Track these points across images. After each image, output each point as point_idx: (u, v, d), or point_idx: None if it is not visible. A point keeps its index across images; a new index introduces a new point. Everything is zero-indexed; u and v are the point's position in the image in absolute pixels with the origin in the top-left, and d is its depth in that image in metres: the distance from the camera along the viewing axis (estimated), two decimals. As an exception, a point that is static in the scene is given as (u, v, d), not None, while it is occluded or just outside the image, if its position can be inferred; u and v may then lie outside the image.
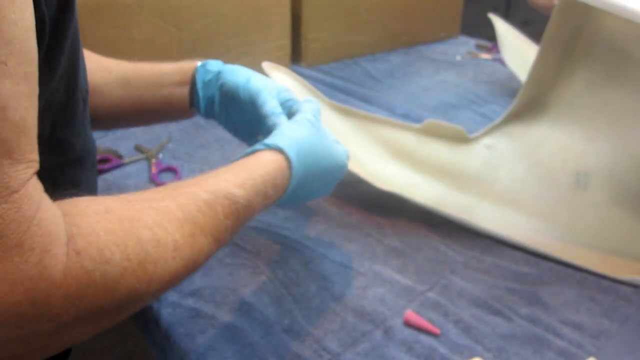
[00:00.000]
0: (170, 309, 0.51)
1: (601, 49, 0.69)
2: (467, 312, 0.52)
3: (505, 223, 0.65)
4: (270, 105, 0.52)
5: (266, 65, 0.72)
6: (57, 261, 0.26)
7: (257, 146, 0.45)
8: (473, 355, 0.47)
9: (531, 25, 1.19)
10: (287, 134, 0.47)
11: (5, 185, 0.25)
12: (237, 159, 0.44)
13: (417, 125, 0.75)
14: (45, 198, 0.28)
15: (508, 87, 1.03)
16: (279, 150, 0.45)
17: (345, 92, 1.03)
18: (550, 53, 0.70)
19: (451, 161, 0.73)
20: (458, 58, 1.21)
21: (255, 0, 0.99)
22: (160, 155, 0.78)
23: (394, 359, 0.47)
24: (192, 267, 0.35)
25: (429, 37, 1.31)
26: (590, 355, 0.47)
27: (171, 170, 0.76)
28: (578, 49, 0.70)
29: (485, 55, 1.22)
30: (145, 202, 0.34)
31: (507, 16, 1.07)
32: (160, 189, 0.37)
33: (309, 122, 0.50)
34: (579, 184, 0.67)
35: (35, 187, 0.27)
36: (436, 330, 0.49)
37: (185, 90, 0.57)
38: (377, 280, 0.56)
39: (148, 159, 0.77)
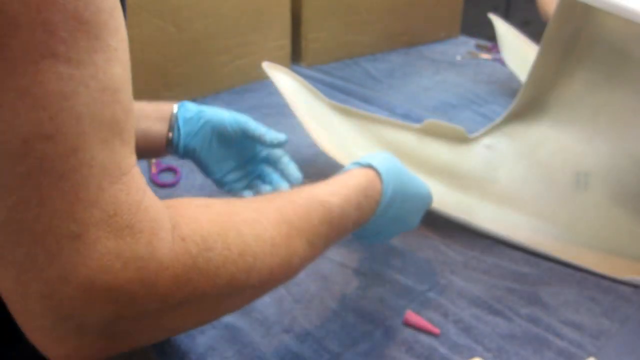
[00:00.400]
0: (170, 309, 0.51)
1: (601, 49, 0.69)
2: (467, 312, 0.52)
3: (505, 223, 0.65)
4: (271, 135, 0.60)
5: (266, 65, 0.72)
6: (164, 244, 0.28)
7: (349, 166, 0.49)
8: (473, 355, 0.47)
9: (531, 25, 1.19)
10: (376, 156, 0.49)
11: (118, 165, 0.27)
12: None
13: (417, 125, 0.75)
14: (148, 188, 0.29)
15: (508, 87, 1.03)
16: (370, 166, 0.47)
17: (345, 92, 1.03)
18: (550, 53, 0.70)
19: (451, 161, 0.73)
20: (458, 58, 1.21)
21: (255, 0, 0.99)
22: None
23: (394, 359, 0.47)
24: (286, 268, 0.36)
25: (429, 37, 1.31)
26: (590, 355, 0.47)
27: (171, 170, 0.76)
28: (578, 49, 0.70)
29: (485, 55, 1.22)
30: (242, 202, 0.36)
31: (507, 16, 1.07)
32: (254, 197, 0.38)
33: (391, 155, 0.52)
34: (579, 184, 0.67)
35: (140, 175, 0.29)
36: (436, 330, 0.49)
37: (163, 127, 0.59)
38: (377, 280, 0.56)
39: (148, 159, 0.77)
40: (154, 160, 0.76)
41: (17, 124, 0.24)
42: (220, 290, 0.31)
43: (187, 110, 0.60)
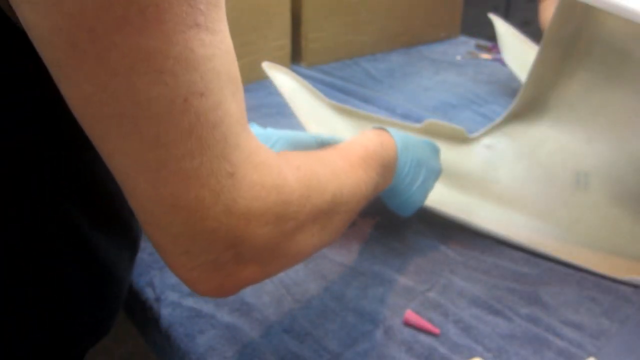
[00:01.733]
0: (170, 309, 0.51)
1: (601, 49, 0.69)
2: (467, 312, 0.52)
3: (505, 223, 0.65)
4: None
5: (266, 65, 0.72)
6: (288, 173, 0.33)
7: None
8: (473, 355, 0.47)
9: (531, 25, 1.19)
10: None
11: (243, 114, 0.31)
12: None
13: (417, 125, 0.75)
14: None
15: (508, 87, 1.03)
16: (381, 128, 0.55)
17: (345, 92, 1.03)
18: (550, 53, 0.70)
19: (451, 161, 0.73)
20: (458, 58, 1.21)
21: (255, 0, 0.99)
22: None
23: (394, 359, 0.47)
24: (359, 191, 0.43)
25: (429, 37, 1.31)
26: (590, 355, 0.47)
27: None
28: (578, 49, 0.70)
29: (485, 55, 1.22)
30: (312, 152, 0.43)
31: (507, 16, 1.07)
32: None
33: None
34: (579, 184, 0.67)
35: None
36: (436, 330, 0.49)
37: None
38: (377, 280, 0.56)
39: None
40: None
41: (177, 86, 0.27)
42: (328, 204, 0.37)
43: (258, 128, 0.62)
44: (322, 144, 0.63)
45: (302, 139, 0.62)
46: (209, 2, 0.29)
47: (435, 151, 0.61)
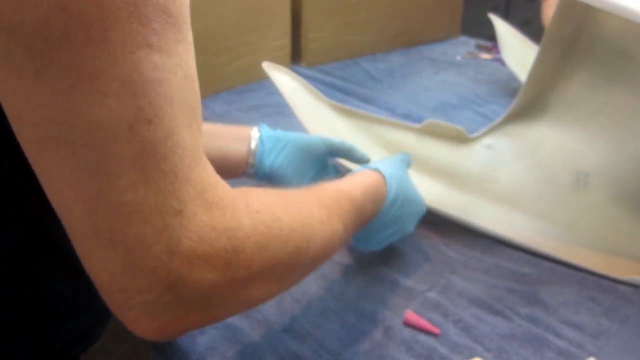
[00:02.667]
0: (170, 309, 0.51)
1: (601, 49, 0.69)
2: (467, 312, 0.52)
3: (505, 223, 0.65)
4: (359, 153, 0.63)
5: (266, 65, 0.72)
6: (245, 217, 0.31)
7: (357, 169, 0.53)
8: (473, 355, 0.47)
9: (531, 25, 1.19)
10: (383, 163, 0.54)
11: (198, 148, 0.29)
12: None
13: (417, 125, 0.75)
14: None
15: (508, 87, 1.03)
16: (376, 170, 0.52)
17: (345, 92, 1.03)
18: (550, 53, 0.70)
19: (451, 161, 0.73)
20: (458, 58, 1.21)
21: (255, 0, 0.99)
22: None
23: (394, 359, 0.47)
24: (331, 244, 0.40)
25: (429, 37, 1.31)
26: (590, 355, 0.47)
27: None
28: (578, 49, 0.70)
29: (485, 55, 1.22)
30: (286, 191, 0.39)
31: (507, 16, 1.07)
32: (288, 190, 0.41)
33: (400, 161, 0.57)
34: (579, 184, 0.67)
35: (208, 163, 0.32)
36: (436, 330, 0.49)
37: (241, 146, 0.59)
38: (377, 280, 0.56)
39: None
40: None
41: (122, 111, 0.25)
42: (290, 256, 0.34)
43: (268, 130, 0.61)
44: (332, 148, 0.62)
45: (311, 143, 0.61)
46: (166, 22, 0.27)
47: (420, 212, 0.57)
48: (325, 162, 0.64)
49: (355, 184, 0.47)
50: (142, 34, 0.26)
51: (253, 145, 0.59)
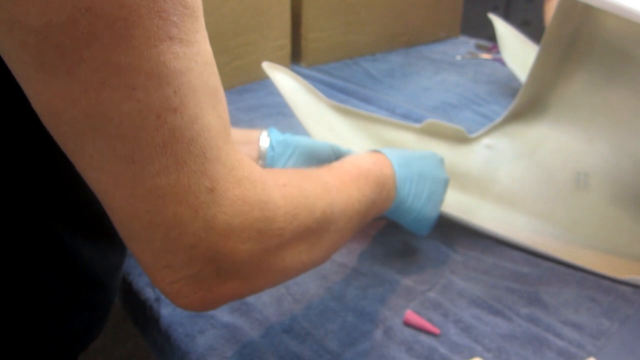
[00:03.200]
0: (170, 309, 0.51)
1: (601, 49, 0.69)
2: (467, 312, 0.52)
3: (505, 223, 0.65)
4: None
5: (266, 65, 0.72)
6: (274, 189, 0.33)
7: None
8: (473, 355, 0.47)
9: (531, 25, 1.19)
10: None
11: (225, 128, 0.31)
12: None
13: (417, 125, 0.75)
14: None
15: (508, 87, 1.03)
16: (376, 150, 0.53)
17: (345, 92, 1.03)
18: (550, 53, 0.70)
19: (451, 161, 0.73)
20: (458, 58, 1.21)
21: (255, 0, 0.99)
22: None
23: (394, 359, 0.47)
24: (351, 211, 0.42)
25: (429, 37, 1.31)
26: (590, 355, 0.47)
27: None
28: (578, 49, 0.70)
29: (485, 55, 1.22)
30: (299, 169, 0.43)
31: (507, 16, 1.07)
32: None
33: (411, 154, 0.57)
34: (579, 184, 0.67)
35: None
36: (436, 330, 0.49)
37: (251, 149, 0.61)
38: (377, 280, 0.56)
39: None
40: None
41: (150, 102, 0.27)
42: (317, 222, 0.37)
43: (278, 135, 0.62)
44: (339, 155, 0.62)
45: (319, 148, 0.62)
46: (183, 13, 0.28)
47: (439, 161, 0.59)
48: None
49: (355, 160, 0.50)
50: (162, 27, 0.27)
51: (263, 149, 0.60)
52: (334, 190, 0.41)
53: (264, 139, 0.60)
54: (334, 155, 0.62)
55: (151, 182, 0.28)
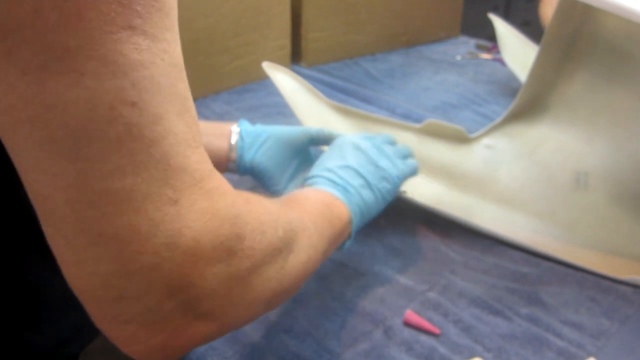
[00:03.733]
0: (170, 309, 0.51)
1: (601, 49, 0.69)
2: (467, 312, 0.52)
3: (505, 223, 0.65)
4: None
5: (266, 65, 0.72)
6: (241, 204, 0.30)
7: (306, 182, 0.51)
8: (473, 355, 0.47)
9: (531, 25, 1.19)
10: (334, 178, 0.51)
11: (194, 137, 0.28)
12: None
13: (417, 125, 0.75)
14: None
15: (508, 87, 1.03)
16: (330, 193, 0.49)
17: (345, 92, 1.03)
18: (550, 53, 0.70)
19: (451, 161, 0.73)
20: (458, 58, 1.21)
21: (255, 0, 0.99)
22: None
23: (394, 359, 0.47)
24: (308, 233, 0.38)
25: (429, 37, 1.31)
26: (590, 355, 0.47)
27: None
28: (578, 49, 0.70)
29: (485, 55, 1.21)
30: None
31: (507, 16, 1.07)
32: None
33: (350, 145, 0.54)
34: (579, 184, 0.67)
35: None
36: (436, 330, 0.49)
37: (223, 142, 0.60)
38: (377, 280, 0.56)
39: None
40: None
41: (101, 91, 0.24)
42: (282, 241, 0.33)
43: (249, 126, 0.62)
44: (313, 138, 0.62)
45: (292, 135, 0.62)
46: (151, 5, 0.26)
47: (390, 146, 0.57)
48: (308, 152, 0.65)
49: (313, 194, 0.47)
50: (122, 14, 0.24)
51: (233, 141, 0.60)
52: (287, 208, 0.38)
53: (235, 131, 0.61)
54: (308, 139, 0.62)
55: (101, 184, 0.24)
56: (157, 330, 0.26)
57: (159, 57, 0.26)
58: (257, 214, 0.31)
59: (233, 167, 0.61)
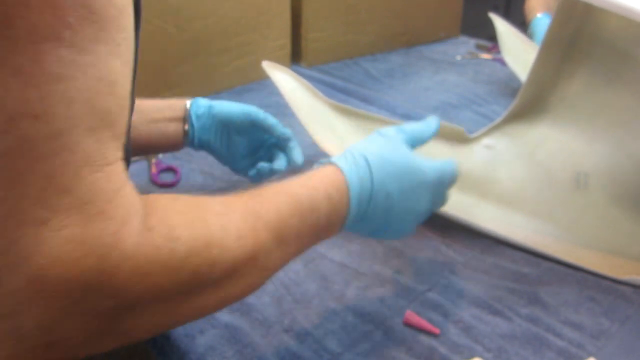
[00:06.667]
0: (170, 309, 0.51)
1: (601, 49, 0.69)
2: (467, 312, 0.52)
3: (505, 223, 0.65)
4: (280, 128, 0.66)
5: (266, 65, 0.72)
6: (131, 234, 0.27)
7: (317, 164, 0.45)
8: (473, 355, 0.47)
9: (531, 25, 1.19)
10: (348, 150, 0.46)
11: (103, 155, 0.26)
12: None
13: (417, 125, 0.74)
14: (130, 182, 0.29)
15: (508, 87, 1.03)
16: (330, 163, 0.44)
17: (345, 92, 1.03)
18: (550, 53, 0.70)
19: (451, 161, 0.73)
20: (458, 58, 1.21)
21: (255, 0, 0.99)
22: (160, 156, 0.78)
23: (394, 359, 0.47)
24: (252, 263, 0.34)
25: (429, 37, 1.31)
26: (590, 355, 0.47)
27: (171, 170, 0.76)
28: (578, 49, 0.70)
29: (485, 55, 1.21)
30: (212, 197, 0.35)
31: (507, 16, 1.07)
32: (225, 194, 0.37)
33: (381, 136, 0.48)
34: (579, 184, 0.67)
35: (123, 167, 0.29)
36: (436, 330, 0.49)
37: (177, 125, 0.64)
38: (377, 280, 0.56)
39: (148, 159, 0.77)
40: (154, 160, 0.76)
41: (5, 101, 0.23)
42: (180, 285, 0.29)
43: (199, 107, 0.64)
44: (255, 121, 0.65)
45: (231, 114, 0.65)
46: (85, 18, 0.25)
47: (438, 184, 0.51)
48: (263, 138, 0.67)
49: (302, 181, 0.41)
50: (52, 25, 0.24)
51: (186, 126, 0.64)
52: (230, 240, 0.33)
53: (187, 113, 0.64)
54: (249, 121, 0.65)
55: None
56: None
57: (80, 71, 0.25)
58: (150, 248, 0.27)
59: (190, 146, 0.66)
